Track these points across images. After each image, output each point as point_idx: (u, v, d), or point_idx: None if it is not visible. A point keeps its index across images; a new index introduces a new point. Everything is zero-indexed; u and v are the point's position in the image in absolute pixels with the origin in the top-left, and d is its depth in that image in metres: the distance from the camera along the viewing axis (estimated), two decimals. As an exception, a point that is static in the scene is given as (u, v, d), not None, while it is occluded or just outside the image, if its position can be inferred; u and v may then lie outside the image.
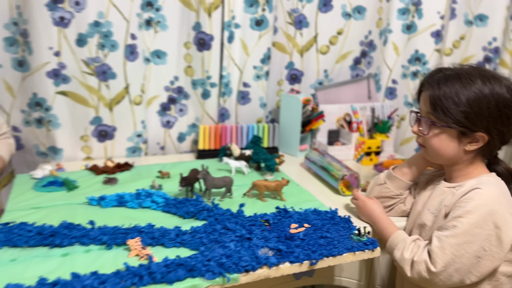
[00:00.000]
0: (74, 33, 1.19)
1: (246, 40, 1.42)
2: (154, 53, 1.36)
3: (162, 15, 1.32)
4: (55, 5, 1.16)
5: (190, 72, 1.41)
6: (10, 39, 1.19)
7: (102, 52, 1.24)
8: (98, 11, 1.19)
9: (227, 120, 1.50)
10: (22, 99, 1.26)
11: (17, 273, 0.71)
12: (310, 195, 1.10)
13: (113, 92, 1.29)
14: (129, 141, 1.38)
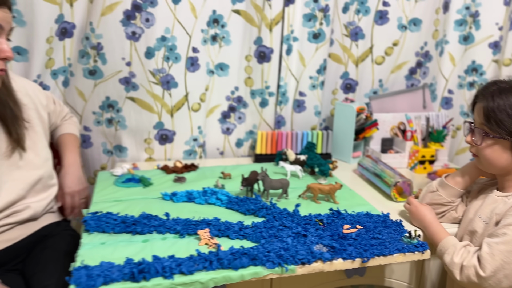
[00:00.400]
0: (144, 46, 1.34)
1: (303, 52, 1.50)
2: (218, 66, 1.48)
3: (226, 31, 1.44)
4: (128, 21, 1.31)
5: (250, 83, 1.52)
6: (82, 51, 1.35)
7: (167, 64, 1.38)
8: (165, 27, 1.34)
9: (283, 127, 1.59)
10: (94, 102, 1.42)
11: (107, 253, 0.84)
12: (363, 200, 1.16)
13: (175, 99, 1.43)
14: (186, 145, 1.51)
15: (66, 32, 1.32)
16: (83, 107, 1.42)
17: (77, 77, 1.38)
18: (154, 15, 1.31)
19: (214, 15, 1.41)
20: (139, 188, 1.20)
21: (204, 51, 1.43)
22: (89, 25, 1.31)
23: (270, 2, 1.40)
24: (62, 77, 1.37)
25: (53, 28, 1.28)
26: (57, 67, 1.34)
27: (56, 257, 1.03)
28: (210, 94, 1.50)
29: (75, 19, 1.32)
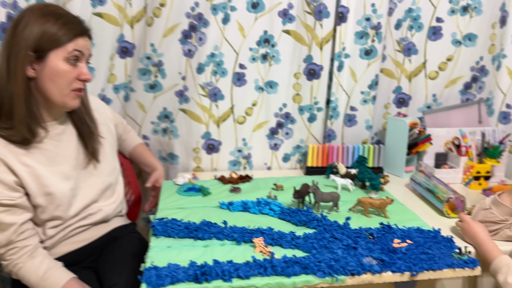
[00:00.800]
0: (196, 62, 1.46)
1: (355, 68, 1.55)
2: (267, 83, 1.56)
3: (276, 50, 1.52)
4: (185, 40, 1.44)
5: (298, 99, 1.58)
6: (143, 69, 1.48)
7: (214, 78, 1.48)
8: (215, 44, 1.45)
9: (333, 140, 1.63)
10: (153, 113, 1.54)
11: (173, 256, 0.93)
12: (414, 215, 1.18)
13: (221, 111, 1.53)
14: (231, 155, 1.60)
15: (127, 51, 1.46)
16: (143, 118, 1.55)
17: (138, 92, 1.51)
18: (206, 34, 1.43)
19: (265, 35, 1.50)
20: (199, 197, 1.30)
21: (253, 68, 1.52)
22: (150, 46, 1.44)
23: (322, 22, 1.46)
24: (123, 92, 1.52)
25: (115, 46, 1.43)
26: (119, 83, 1.49)
27: (124, 257, 1.14)
28: (258, 110, 1.58)
29: (135, 40, 1.45)
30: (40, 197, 1.04)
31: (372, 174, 1.38)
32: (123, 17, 1.41)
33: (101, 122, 1.23)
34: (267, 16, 1.48)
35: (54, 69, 1.02)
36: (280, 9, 1.48)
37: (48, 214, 1.07)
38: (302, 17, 1.49)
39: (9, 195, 0.99)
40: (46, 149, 1.08)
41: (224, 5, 1.42)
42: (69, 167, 1.12)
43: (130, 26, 1.44)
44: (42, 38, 1.00)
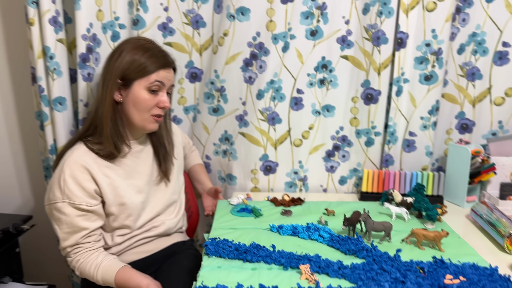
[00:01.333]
0: (256, 89, 1.53)
1: (414, 94, 1.53)
2: (325, 107, 1.59)
3: (334, 75, 1.55)
4: (246, 68, 1.51)
5: (355, 123, 1.59)
6: (208, 93, 1.58)
7: (273, 103, 1.54)
8: (274, 72, 1.51)
9: (391, 166, 1.62)
10: (215, 135, 1.63)
11: (222, 277, 0.99)
12: (471, 249, 1.14)
13: (278, 133, 1.59)
14: (287, 177, 1.64)
15: (196, 76, 1.58)
16: (206, 139, 1.65)
17: (203, 114, 1.62)
18: (266, 62, 1.50)
19: (323, 61, 1.53)
20: (251, 218, 1.36)
21: (310, 93, 1.56)
22: (213, 72, 1.54)
23: (379, 48, 1.47)
24: (192, 113, 1.63)
25: (184, 71, 1.55)
26: (189, 105, 1.61)
27: (180, 273, 1.23)
28: (315, 133, 1.61)
29: (203, 66, 1.56)
30: (114, 206, 1.18)
31: (429, 204, 1.35)
32: (191, 45, 1.53)
33: (175, 145, 1.36)
34: (325, 43, 1.51)
35: (136, 97, 1.16)
36: (339, 35, 1.51)
37: (119, 222, 1.20)
38: (360, 43, 1.51)
39: (88, 201, 1.13)
40: (126, 164, 1.22)
41: (284, 34, 1.48)
42: (143, 182, 1.25)
43: (199, 54, 1.55)
44: (130, 68, 1.14)
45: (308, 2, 1.46)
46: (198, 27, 1.52)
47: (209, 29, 1.53)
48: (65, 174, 1.11)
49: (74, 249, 1.15)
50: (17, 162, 1.71)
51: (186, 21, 1.51)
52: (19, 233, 1.40)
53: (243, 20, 1.46)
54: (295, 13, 1.47)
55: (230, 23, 1.47)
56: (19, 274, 1.51)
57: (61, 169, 1.12)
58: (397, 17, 1.45)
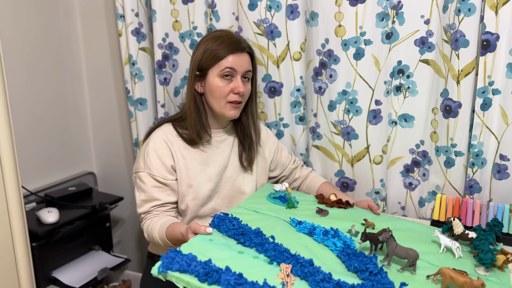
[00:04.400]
0: (327, 100, 1.51)
1: (507, 108, 1.28)
2: (402, 117, 1.47)
3: (412, 81, 1.42)
4: (316, 78, 1.52)
5: (435, 138, 1.42)
6: (294, 102, 1.62)
7: (348, 116, 1.49)
8: (347, 81, 1.46)
9: (477, 193, 1.38)
10: (301, 146, 1.66)
11: (204, 249, 0.98)
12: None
13: (355, 150, 1.51)
14: (367, 196, 1.54)
15: (275, 90, 1.63)
16: (293, 152, 1.70)
17: (291, 126, 1.66)
18: (336, 71, 1.47)
19: (399, 65, 1.43)
20: (282, 207, 1.31)
21: (387, 102, 1.46)
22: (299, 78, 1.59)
23: (458, 52, 1.29)
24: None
25: (261, 85, 1.63)
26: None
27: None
28: (391, 145, 1.51)
29: (282, 78, 1.62)
30: (183, 186, 1.31)
31: (487, 245, 1.11)
32: (267, 57, 1.59)
33: (265, 144, 1.48)
34: (402, 46, 1.42)
35: (211, 85, 1.28)
36: (417, 37, 1.39)
37: (185, 204, 1.32)
38: (440, 46, 1.35)
39: (164, 174, 1.28)
40: (203, 151, 1.35)
41: (356, 40, 1.43)
42: (215, 172, 1.36)
43: (276, 66, 1.59)
44: (203, 58, 1.29)
45: (383, 2, 1.39)
46: (273, 38, 1.57)
47: (284, 38, 1.56)
48: (149, 147, 1.29)
49: (146, 215, 1.28)
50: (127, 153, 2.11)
51: (259, 32, 1.58)
52: (103, 210, 1.77)
53: (313, 25, 1.48)
54: (368, 15, 1.41)
55: (308, 28, 1.51)
56: (108, 245, 1.90)
57: (147, 143, 1.31)
58: (482, 15, 1.24)
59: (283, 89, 1.62)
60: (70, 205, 1.72)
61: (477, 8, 1.24)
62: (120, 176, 2.08)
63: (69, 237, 1.69)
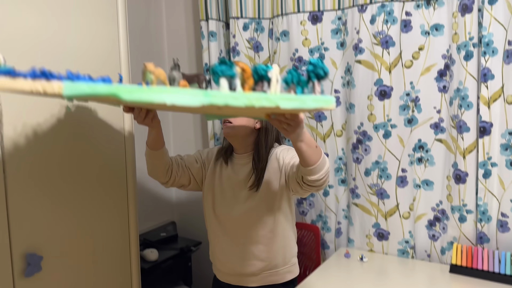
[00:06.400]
0: (363, 167, 1.97)
1: (503, 177, 1.68)
2: (424, 182, 1.90)
3: (430, 155, 1.87)
4: (354, 150, 2.00)
5: (450, 199, 1.83)
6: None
7: (380, 180, 1.93)
8: (378, 154, 1.92)
9: (487, 243, 1.75)
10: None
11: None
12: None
13: (387, 207, 1.94)
14: (399, 244, 1.95)
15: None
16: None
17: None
18: (370, 146, 1.95)
19: (419, 142, 1.88)
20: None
21: (411, 170, 1.90)
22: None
23: (462, 135, 1.73)
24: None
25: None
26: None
27: None
28: (417, 203, 1.92)
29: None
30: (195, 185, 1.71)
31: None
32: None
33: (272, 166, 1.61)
34: (420, 128, 1.88)
35: None
36: (432, 122, 1.85)
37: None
38: (449, 129, 1.80)
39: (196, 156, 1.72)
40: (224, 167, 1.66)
41: (384, 124, 1.91)
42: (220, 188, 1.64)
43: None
44: None
45: (404, 97, 1.87)
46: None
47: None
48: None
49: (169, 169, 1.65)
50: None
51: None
52: (188, 252, 2.27)
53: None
54: (393, 106, 1.89)
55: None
56: (189, 281, 2.37)
57: None
58: (478, 108, 1.69)
59: (328, 158, 2.10)
60: (163, 247, 2.22)
61: (473, 104, 1.70)
62: (197, 224, 2.58)
63: (163, 273, 2.18)
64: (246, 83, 0.92)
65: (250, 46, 2.20)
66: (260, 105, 0.85)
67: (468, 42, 1.69)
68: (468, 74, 1.70)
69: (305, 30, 2.05)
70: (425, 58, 1.84)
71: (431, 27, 1.81)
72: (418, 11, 1.82)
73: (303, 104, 0.89)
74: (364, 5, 1.88)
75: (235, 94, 0.85)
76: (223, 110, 1.03)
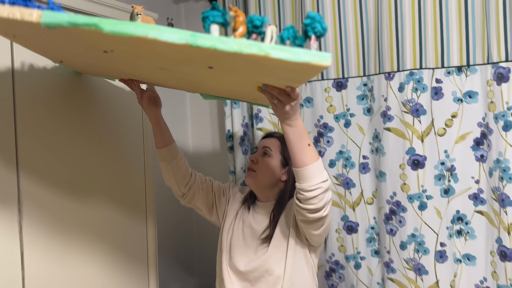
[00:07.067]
0: (398, 240, 1.85)
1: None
2: (465, 256, 1.77)
3: (471, 227, 1.75)
4: (388, 221, 1.89)
5: (496, 277, 1.70)
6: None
7: (417, 255, 1.81)
8: (414, 226, 1.81)
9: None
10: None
11: None
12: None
13: (426, 284, 1.82)
14: None
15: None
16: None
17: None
18: (405, 218, 1.84)
19: (458, 214, 1.77)
20: None
21: (451, 244, 1.78)
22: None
23: (506, 209, 1.62)
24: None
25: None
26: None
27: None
28: (458, 280, 1.79)
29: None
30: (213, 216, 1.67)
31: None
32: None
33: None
34: (458, 199, 1.77)
35: None
36: (471, 193, 1.74)
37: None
38: (490, 202, 1.69)
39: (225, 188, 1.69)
40: (245, 212, 1.60)
41: (419, 195, 1.81)
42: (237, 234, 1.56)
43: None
44: None
45: (439, 166, 1.78)
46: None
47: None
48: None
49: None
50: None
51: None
52: None
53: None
54: (428, 176, 1.79)
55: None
56: None
57: None
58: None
59: (359, 227, 2.00)
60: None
61: (516, 178, 1.60)
62: None
63: None
64: (238, 31, 0.86)
65: (273, 112, 2.14)
66: (250, 52, 0.78)
67: (506, 112, 1.61)
68: (508, 145, 1.61)
69: (330, 97, 2.00)
70: (459, 125, 1.76)
71: (464, 94, 1.74)
72: (449, 77, 1.76)
73: (295, 56, 0.80)
74: (391, 73, 1.82)
75: (224, 38, 0.78)
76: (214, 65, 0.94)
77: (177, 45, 0.77)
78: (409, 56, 1.80)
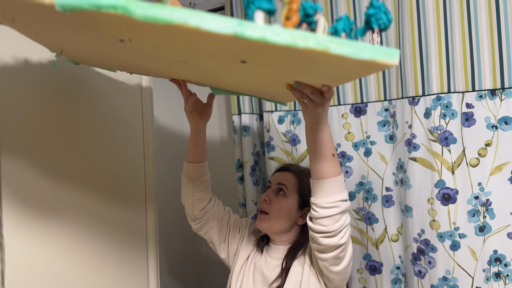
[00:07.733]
0: (428, 283, 1.66)
1: None
2: (508, 300, 1.57)
3: (510, 270, 1.54)
4: (415, 262, 1.69)
5: (542, 327, 1.49)
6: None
7: None
8: (446, 269, 1.61)
9: None
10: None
11: None
12: None
13: None
14: None
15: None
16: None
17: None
18: (435, 258, 1.64)
19: (495, 254, 1.57)
20: None
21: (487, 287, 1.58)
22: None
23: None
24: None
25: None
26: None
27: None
28: (500, 330, 1.58)
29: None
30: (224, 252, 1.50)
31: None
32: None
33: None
34: (495, 237, 1.57)
35: None
36: (510, 230, 1.55)
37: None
38: (535, 242, 1.50)
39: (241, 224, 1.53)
40: (257, 255, 1.44)
41: (451, 233, 1.61)
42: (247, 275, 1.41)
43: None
44: None
45: (473, 201, 1.59)
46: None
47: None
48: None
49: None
50: None
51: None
52: None
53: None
54: (460, 212, 1.60)
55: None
56: None
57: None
58: None
59: (383, 268, 1.80)
60: None
61: None
62: None
63: None
64: (289, 20, 0.71)
65: (286, 139, 1.99)
66: (305, 45, 0.64)
67: (550, 141, 1.42)
68: (553, 178, 1.42)
69: (348, 123, 1.84)
70: (494, 155, 1.57)
71: (498, 120, 1.56)
72: (481, 102, 1.58)
73: (358, 52, 0.67)
74: (415, 97, 1.65)
75: (276, 28, 0.64)
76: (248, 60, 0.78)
77: (221, 36, 0.62)
78: (435, 79, 1.63)
